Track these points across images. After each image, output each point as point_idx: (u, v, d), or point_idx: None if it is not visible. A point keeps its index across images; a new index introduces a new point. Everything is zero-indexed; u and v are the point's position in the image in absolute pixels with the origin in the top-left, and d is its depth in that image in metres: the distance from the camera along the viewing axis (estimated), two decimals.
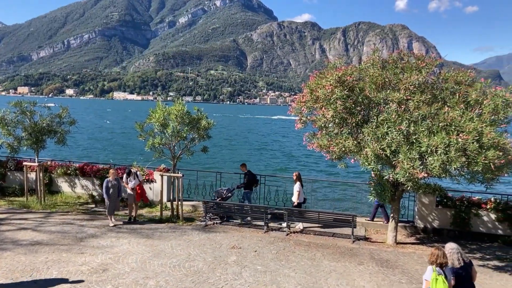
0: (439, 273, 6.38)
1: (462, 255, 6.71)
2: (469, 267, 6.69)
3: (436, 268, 6.44)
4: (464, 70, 10.93)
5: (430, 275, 6.43)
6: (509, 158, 9.64)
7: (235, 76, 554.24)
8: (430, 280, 6.39)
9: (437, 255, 6.52)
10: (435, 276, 6.37)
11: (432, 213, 13.44)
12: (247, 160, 43.60)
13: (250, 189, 14.80)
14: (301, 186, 13.71)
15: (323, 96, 10.71)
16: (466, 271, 6.61)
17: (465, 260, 6.67)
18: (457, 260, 6.64)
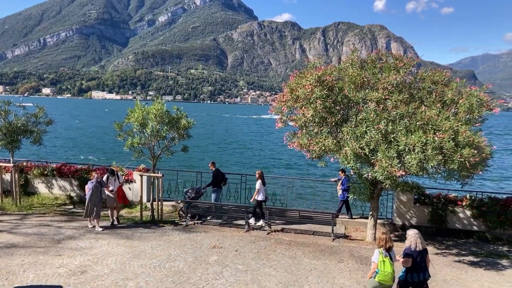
0: (385, 256, 7.11)
1: (421, 239, 7.40)
2: (424, 253, 7.41)
3: (382, 251, 7.14)
4: (440, 70, 11.16)
5: (377, 257, 7.15)
6: (483, 156, 9.89)
7: (216, 75, 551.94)
8: (378, 262, 7.11)
9: (384, 240, 7.23)
10: (382, 258, 7.12)
11: (410, 210, 13.68)
12: (227, 159, 43.57)
13: (219, 187, 14.74)
14: (262, 184, 13.77)
15: (303, 95, 10.77)
16: (421, 255, 7.34)
17: (422, 246, 7.38)
18: (414, 243, 7.34)
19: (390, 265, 7.08)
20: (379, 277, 7.10)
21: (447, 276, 9.90)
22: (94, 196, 12.69)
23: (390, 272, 7.07)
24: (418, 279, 7.36)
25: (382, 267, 7.08)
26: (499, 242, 12.82)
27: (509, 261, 11.15)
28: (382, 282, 7.13)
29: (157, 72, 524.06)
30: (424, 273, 7.42)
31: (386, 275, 7.07)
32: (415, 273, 7.35)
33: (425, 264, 7.43)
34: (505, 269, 10.53)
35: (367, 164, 10.75)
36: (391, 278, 7.11)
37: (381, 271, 7.09)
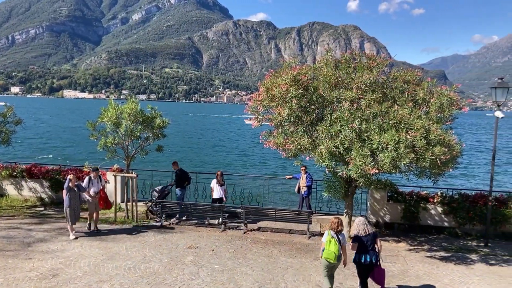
0: (332, 237, 8.00)
1: (367, 226, 8.40)
2: (373, 236, 8.33)
3: (331, 233, 8.04)
4: (412, 70, 11.40)
5: (325, 238, 8.06)
6: (454, 154, 10.15)
7: (191, 74, 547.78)
8: (325, 242, 8.03)
9: (336, 223, 8.12)
10: (329, 238, 8.00)
11: (383, 208, 13.93)
12: (203, 159, 43.34)
13: (182, 187, 14.65)
14: (217, 183, 13.89)
15: (279, 95, 10.80)
16: (369, 239, 8.26)
17: (370, 231, 8.34)
18: (362, 230, 8.33)
19: (335, 246, 7.91)
20: (324, 254, 8.01)
21: (419, 271, 10.13)
22: (72, 201, 11.67)
23: (334, 251, 7.88)
24: (365, 260, 8.25)
25: (328, 246, 7.96)
26: (469, 237, 13.21)
27: (477, 255, 11.50)
28: (327, 259, 7.99)
29: (131, 70, 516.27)
30: (373, 255, 8.26)
31: (329, 254, 7.90)
32: (362, 255, 8.27)
33: (373, 248, 8.30)
34: (474, 263, 10.85)
35: (341, 162, 10.88)
36: (334, 257, 7.89)
37: (326, 250, 7.96)
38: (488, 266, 10.67)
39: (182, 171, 14.65)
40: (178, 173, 14.61)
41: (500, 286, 9.36)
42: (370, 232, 8.33)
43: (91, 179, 12.51)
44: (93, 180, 12.53)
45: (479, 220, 13.08)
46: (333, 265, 8.14)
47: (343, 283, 9.34)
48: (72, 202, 11.68)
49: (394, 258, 11.03)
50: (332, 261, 7.93)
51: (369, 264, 8.29)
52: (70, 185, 11.69)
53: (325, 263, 8.11)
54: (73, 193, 11.76)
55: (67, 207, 11.62)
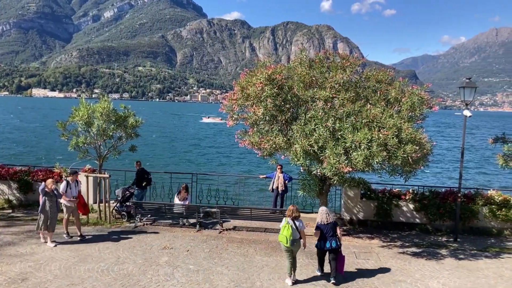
0: (287, 222, 8.89)
1: (328, 215, 9.30)
2: (333, 225, 9.23)
3: (288, 219, 8.93)
4: (384, 70, 11.61)
5: (282, 223, 8.97)
6: (425, 152, 10.42)
7: (165, 73, 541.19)
8: (281, 226, 8.93)
9: (291, 210, 9.08)
10: (285, 224, 8.91)
11: (357, 205, 14.14)
12: (178, 158, 42.97)
13: (140, 187, 14.45)
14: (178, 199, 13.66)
15: (254, 94, 10.82)
16: (329, 227, 9.16)
17: (330, 220, 9.25)
18: (325, 219, 9.25)
19: (288, 230, 8.77)
20: (279, 238, 9.00)
21: (392, 267, 10.33)
22: (49, 206, 10.87)
23: (286, 236, 8.75)
24: (325, 246, 9.13)
25: (282, 230, 8.87)
26: (439, 233, 13.57)
27: (447, 250, 11.83)
28: (281, 242, 8.98)
29: (103, 69, 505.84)
30: (332, 241, 9.12)
31: (282, 237, 8.82)
32: (322, 241, 9.21)
33: (334, 235, 9.16)
34: (444, 258, 11.15)
35: (316, 161, 11.00)
36: (286, 241, 8.76)
37: (280, 234, 8.91)
38: (457, 260, 10.98)
39: (141, 171, 14.37)
40: (137, 172, 14.35)
41: (469, 280, 9.65)
42: (330, 221, 9.24)
43: (69, 183, 11.71)
44: (71, 184, 11.76)
45: (448, 216, 13.44)
46: (289, 249, 8.90)
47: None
48: (48, 208, 10.89)
49: (368, 255, 11.21)
50: (284, 244, 8.81)
51: (330, 249, 9.13)
52: (46, 190, 10.91)
53: (282, 247, 9.06)
54: (49, 198, 10.93)
55: (41, 213, 10.87)
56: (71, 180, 11.83)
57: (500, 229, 13.62)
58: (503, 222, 13.49)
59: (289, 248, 8.87)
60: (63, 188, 11.57)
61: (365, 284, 9.19)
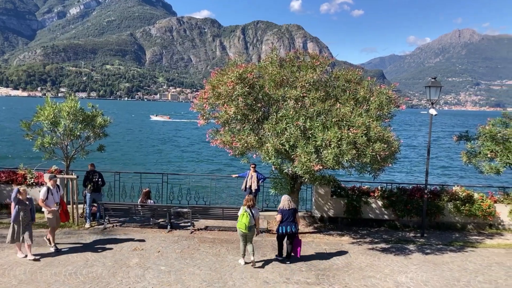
0: (245, 211, 9.83)
1: (290, 202, 10.34)
2: (293, 211, 10.28)
3: (245, 208, 9.84)
4: (353, 69, 11.82)
5: (240, 212, 9.96)
6: (392, 150, 10.66)
7: (133, 71, 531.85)
8: (239, 215, 9.91)
9: (248, 200, 9.98)
10: (243, 212, 9.85)
11: (327, 203, 14.33)
12: (149, 158, 42.36)
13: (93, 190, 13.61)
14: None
15: (225, 92, 10.79)
16: (290, 213, 10.19)
17: (291, 207, 10.27)
18: (287, 205, 10.23)
19: (246, 218, 9.77)
20: (237, 225, 9.95)
21: (362, 263, 10.53)
22: (22, 216, 9.82)
23: (245, 223, 9.74)
24: (286, 230, 10.14)
25: (241, 218, 9.84)
26: (407, 229, 13.93)
27: (415, 245, 12.16)
28: (239, 228, 9.88)
29: (69, 67, 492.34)
30: (292, 226, 10.15)
31: (241, 224, 9.79)
32: (283, 226, 10.16)
33: (293, 220, 10.21)
34: (411, 253, 11.46)
35: (287, 159, 11.07)
36: (245, 227, 9.76)
37: (239, 221, 9.88)
38: (424, 255, 11.31)
39: (90, 173, 13.60)
40: (85, 174, 13.50)
41: (435, 273, 9.95)
42: (292, 207, 10.28)
43: (50, 189, 10.57)
44: (52, 189, 10.62)
45: (416, 212, 13.81)
46: (245, 234, 9.91)
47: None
48: (20, 217, 9.81)
49: (338, 252, 11.38)
50: (243, 230, 9.81)
51: (289, 233, 10.20)
52: (20, 198, 9.85)
53: (238, 232, 9.98)
54: (23, 206, 9.86)
55: (14, 223, 9.80)
56: (51, 185, 10.69)
57: (464, 223, 14.12)
58: (467, 217, 13.99)
59: (246, 233, 9.88)
60: (43, 195, 10.44)
61: (336, 281, 9.32)
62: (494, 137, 12.42)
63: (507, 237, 13.44)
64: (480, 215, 13.85)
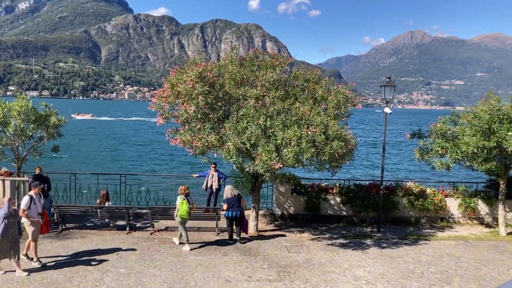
0: (183, 199, 10.99)
1: (233, 190, 11.93)
2: (237, 197, 11.82)
3: (183, 196, 11.03)
4: (311, 69, 12.03)
5: (178, 201, 11.04)
6: (350, 148, 10.94)
7: (88, 70, 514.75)
8: (178, 203, 10.97)
9: (183, 189, 11.17)
10: (181, 201, 10.98)
11: (288, 200, 14.53)
12: (106, 159, 41.23)
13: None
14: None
15: (185, 91, 10.68)
16: (234, 199, 11.74)
17: (235, 194, 11.82)
18: (230, 194, 11.77)
19: (186, 205, 10.95)
20: (179, 213, 10.95)
21: (322, 259, 10.76)
22: (10, 230, 8.92)
23: (186, 209, 10.93)
24: (233, 215, 11.65)
25: (181, 206, 10.93)
26: (364, 224, 14.36)
27: (372, 240, 12.56)
28: (181, 216, 10.97)
29: (18, 64, 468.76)
30: (238, 211, 11.66)
31: (183, 211, 10.90)
32: (230, 211, 11.65)
33: (239, 205, 11.71)
34: (369, 247, 11.83)
35: (248, 158, 11.13)
36: (186, 213, 10.96)
37: (180, 209, 10.92)
38: (381, 249, 11.71)
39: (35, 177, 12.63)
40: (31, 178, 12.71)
41: (391, 266, 10.33)
42: (235, 194, 11.76)
43: (33, 197, 9.65)
44: (35, 198, 9.74)
45: (372, 208, 14.27)
46: (186, 220, 11.18)
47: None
48: (9, 232, 8.89)
49: (299, 248, 11.58)
50: (185, 216, 10.99)
51: (236, 217, 11.69)
52: (10, 211, 8.87)
53: (179, 220, 11.06)
54: (11, 220, 8.92)
55: (3, 238, 8.80)
56: (34, 194, 9.78)
57: (417, 217, 14.73)
58: (420, 211, 14.61)
59: (186, 219, 11.17)
60: (25, 205, 9.48)
61: (296, 277, 9.48)
62: (444, 134, 13.01)
63: (456, 229, 14.16)
64: (432, 209, 14.51)
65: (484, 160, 12.46)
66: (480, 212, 14.85)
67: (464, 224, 14.69)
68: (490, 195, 14.78)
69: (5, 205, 8.86)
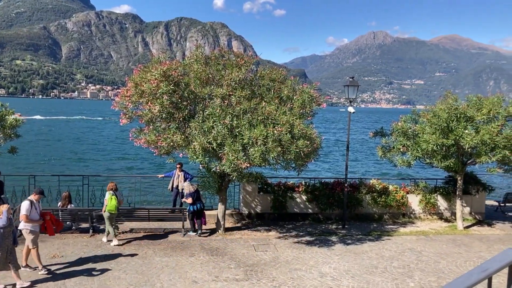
0: (112, 194, 11.37)
1: (192, 186, 12.43)
2: (197, 192, 12.48)
3: (110, 192, 11.38)
4: (277, 69, 12.11)
5: (107, 196, 11.39)
6: (315, 146, 11.10)
7: (48, 67, 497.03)
8: (107, 199, 11.34)
9: (112, 186, 11.56)
10: (110, 196, 11.33)
11: (255, 199, 14.57)
12: (68, 160, 39.95)
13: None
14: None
15: (149, 90, 10.52)
16: (195, 194, 12.38)
17: (195, 188, 12.46)
18: (192, 188, 12.42)
19: (115, 200, 11.31)
20: (107, 208, 11.25)
21: (288, 257, 10.86)
22: (7, 240, 8.40)
23: (114, 204, 11.28)
24: (197, 208, 12.37)
25: (110, 202, 11.25)
26: (329, 221, 14.60)
27: (337, 237, 12.79)
28: (109, 211, 11.26)
29: None
30: (200, 204, 12.42)
31: (111, 206, 11.25)
32: (192, 205, 12.32)
33: (199, 198, 12.42)
34: (334, 244, 12.05)
35: (215, 158, 11.08)
36: (115, 208, 11.32)
37: (108, 204, 11.23)
38: (346, 245, 11.95)
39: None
40: None
41: (356, 262, 10.56)
42: (196, 188, 12.45)
43: (33, 203, 9.34)
44: (36, 203, 9.46)
45: (337, 205, 14.53)
46: (114, 215, 11.48)
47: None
48: (5, 242, 8.34)
49: (266, 247, 11.64)
50: (113, 211, 11.31)
51: (197, 210, 12.38)
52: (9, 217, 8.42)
53: (107, 215, 11.30)
54: (7, 229, 8.41)
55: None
56: (35, 199, 9.49)
57: (380, 214, 15.12)
58: (383, 208, 15.00)
59: (115, 214, 11.49)
60: (27, 210, 9.18)
61: (263, 276, 9.52)
62: (406, 132, 13.42)
63: (417, 224, 14.64)
64: (394, 205, 14.94)
65: (443, 157, 12.95)
66: (439, 207, 15.42)
67: (425, 220, 15.20)
68: (449, 191, 15.36)
69: (4, 215, 8.31)
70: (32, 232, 9.29)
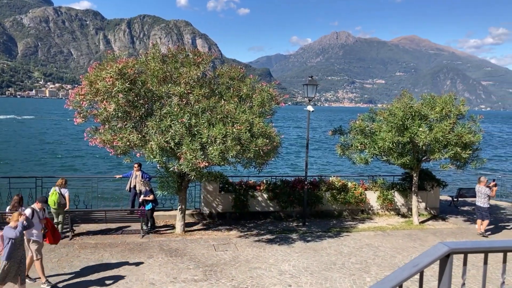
0: (55, 190, 11.68)
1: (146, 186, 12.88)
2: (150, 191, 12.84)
3: (56, 188, 11.74)
4: (236, 67, 12.06)
5: (51, 191, 11.72)
6: (274, 145, 11.15)
7: (3, 65, 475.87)
8: (50, 194, 11.62)
9: (60, 181, 11.95)
10: (53, 191, 11.68)
11: (216, 199, 14.47)
12: (22, 161, 38.36)
13: None
14: None
15: (104, 88, 10.22)
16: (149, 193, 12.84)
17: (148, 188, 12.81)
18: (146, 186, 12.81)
19: (55, 196, 11.60)
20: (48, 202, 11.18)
21: (248, 255, 10.85)
22: (18, 251, 7.68)
23: (54, 200, 11.56)
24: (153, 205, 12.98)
25: (51, 196, 11.55)
26: (290, 219, 14.72)
27: (297, 234, 12.90)
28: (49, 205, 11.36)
29: None
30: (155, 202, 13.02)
31: (51, 201, 11.42)
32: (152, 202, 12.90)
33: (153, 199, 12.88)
34: (294, 242, 12.14)
35: (173, 157, 10.92)
36: (54, 204, 11.57)
37: (49, 199, 11.44)
38: (306, 243, 12.07)
39: None
40: None
41: (315, 259, 10.68)
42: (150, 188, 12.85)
43: (36, 211, 8.72)
44: (39, 212, 8.84)
45: (298, 203, 14.66)
46: (57, 211, 11.77)
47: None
48: (16, 253, 7.64)
49: (226, 246, 11.58)
50: (53, 206, 11.60)
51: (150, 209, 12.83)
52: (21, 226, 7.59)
53: (51, 210, 11.59)
54: (19, 239, 7.70)
55: (7, 260, 7.48)
56: (38, 208, 8.92)
57: (340, 211, 15.39)
58: (342, 204, 15.27)
59: (57, 210, 11.73)
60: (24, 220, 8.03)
61: (223, 275, 9.46)
62: (363, 130, 13.71)
63: (375, 220, 15.00)
64: (353, 202, 15.24)
65: (399, 154, 13.32)
66: (396, 203, 15.86)
67: (383, 215, 15.60)
68: (405, 187, 15.83)
69: (19, 225, 7.55)
70: (35, 242, 8.66)
